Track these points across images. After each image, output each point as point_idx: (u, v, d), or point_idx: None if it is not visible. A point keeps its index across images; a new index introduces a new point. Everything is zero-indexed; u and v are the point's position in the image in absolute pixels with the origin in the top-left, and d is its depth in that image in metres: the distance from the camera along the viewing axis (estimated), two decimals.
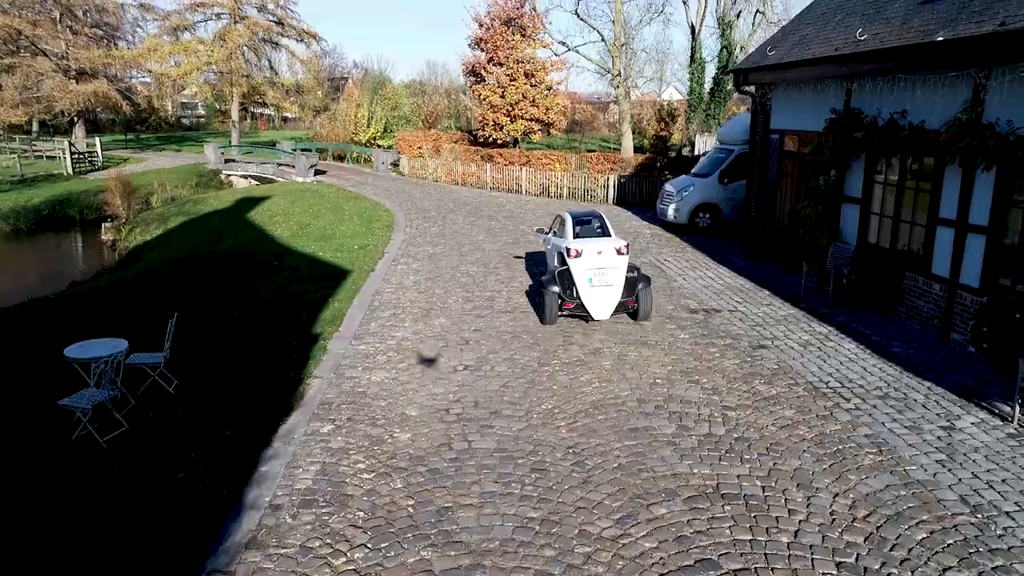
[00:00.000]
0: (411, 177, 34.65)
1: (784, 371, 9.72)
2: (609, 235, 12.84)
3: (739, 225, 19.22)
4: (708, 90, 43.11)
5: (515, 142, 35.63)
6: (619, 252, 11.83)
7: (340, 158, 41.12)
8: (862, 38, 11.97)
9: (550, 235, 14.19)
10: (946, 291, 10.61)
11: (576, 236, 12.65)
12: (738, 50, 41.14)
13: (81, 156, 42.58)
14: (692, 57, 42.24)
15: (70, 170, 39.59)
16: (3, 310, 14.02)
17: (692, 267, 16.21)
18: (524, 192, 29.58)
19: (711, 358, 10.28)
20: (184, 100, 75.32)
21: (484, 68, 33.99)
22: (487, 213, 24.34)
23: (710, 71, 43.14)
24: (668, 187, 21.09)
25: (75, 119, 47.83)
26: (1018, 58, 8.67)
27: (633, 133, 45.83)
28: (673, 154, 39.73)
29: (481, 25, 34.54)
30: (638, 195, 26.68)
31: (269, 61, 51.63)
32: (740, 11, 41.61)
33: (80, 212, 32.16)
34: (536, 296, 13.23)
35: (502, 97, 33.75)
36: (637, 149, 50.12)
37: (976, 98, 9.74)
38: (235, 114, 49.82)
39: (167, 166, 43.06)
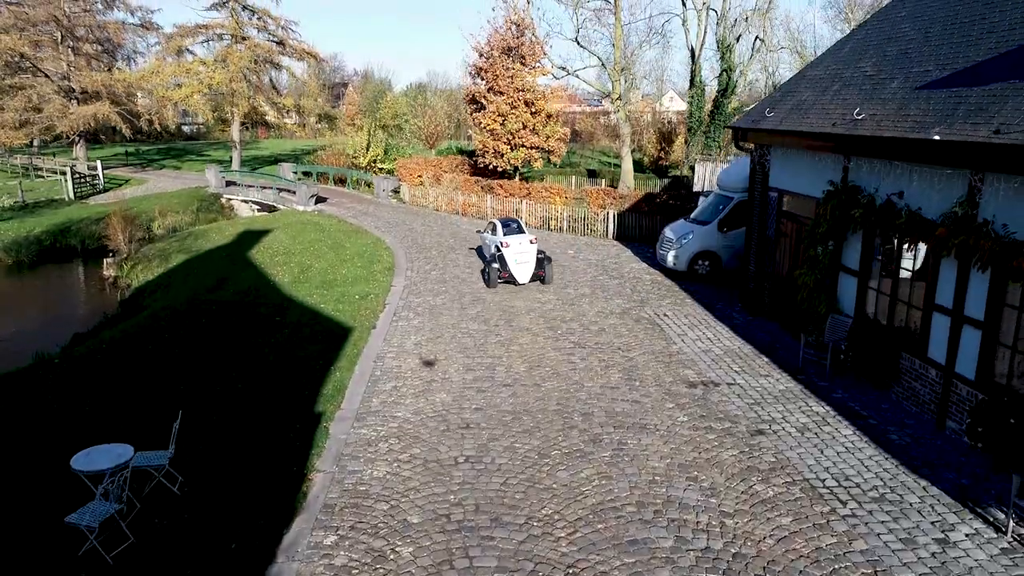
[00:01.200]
0: (412, 205, 34.76)
1: (782, 465, 9.82)
2: (524, 232, 20.33)
3: (738, 273, 19.34)
4: (708, 112, 43.27)
5: (515, 169, 35.74)
6: (531, 242, 19.86)
7: (341, 181, 41.21)
8: (859, 117, 12.08)
9: (486, 234, 21.86)
10: (942, 378, 10.71)
11: (505, 234, 20.05)
12: (737, 73, 41.29)
13: (82, 178, 42.71)
14: (692, 81, 42.40)
15: (71, 194, 39.74)
16: (12, 373, 14.17)
17: (691, 325, 16.31)
18: (524, 224, 29.67)
19: (709, 446, 10.38)
20: (185, 107, 75.50)
21: (484, 97, 34.11)
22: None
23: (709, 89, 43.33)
24: (668, 233, 21.19)
25: (77, 140, 47.93)
26: (1012, 170, 8.77)
27: (633, 150, 46.02)
28: (671, 178, 39.92)
29: (481, 55, 34.67)
30: (637, 230, 26.80)
31: (271, 80, 51.83)
32: (740, 35, 41.76)
33: (81, 242, 32.31)
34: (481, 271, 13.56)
35: (502, 126, 33.88)
36: (637, 168, 50.38)
37: (971, 195, 9.85)
38: (236, 134, 49.96)
39: (168, 189, 43.24)
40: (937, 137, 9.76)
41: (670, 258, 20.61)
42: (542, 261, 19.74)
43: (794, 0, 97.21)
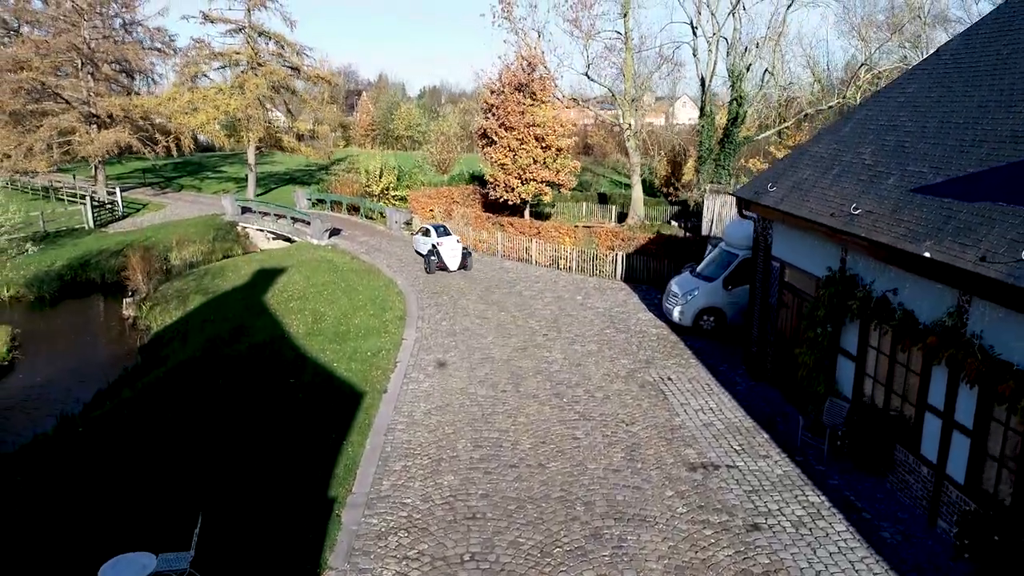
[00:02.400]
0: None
1: (775, 568, 10.19)
2: (451, 235, 29.19)
3: (742, 329, 19.68)
4: (717, 140, 43.52)
5: (524, 203, 36.19)
6: (458, 242, 28.64)
7: (355, 209, 41.78)
8: (855, 212, 12.42)
9: (419, 236, 30.83)
10: (934, 477, 11.04)
11: (438, 236, 28.78)
12: (747, 106, 41.50)
13: (102, 206, 43.55)
14: (702, 110, 42.66)
15: (91, 223, 40.54)
16: (38, 439, 14.79)
17: (694, 392, 16.67)
18: (534, 262, 30.14)
19: (706, 544, 10.76)
20: (202, 133, 76.52)
21: (496, 132, 34.56)
22: (497, 298, 24.88)
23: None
24: (674, 287, 21.55)
25: (97, 166, 48.84)
26: (996, 299, 9.10)
27: (643, 171, 46.31)
28: (680, 204, 40.20)
29: (493, 92, 35.14)
30: (646, 272, 27.16)
31: (286, 104, 52.50)
32: (751, 64, 41.97)
33: (101, 276, 33.05)
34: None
35: (513, 161, 34.33)
36: (648, 191, 50.68)
37: (960, 310, 10.19)
38: (251, 158, 50.70)
39: (185, 216, 44.01)
40: (927, 255, 10.11)
41: (676, 313, 20.97)
42: (466, 256, 28.72)
43: (807, 17, 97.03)
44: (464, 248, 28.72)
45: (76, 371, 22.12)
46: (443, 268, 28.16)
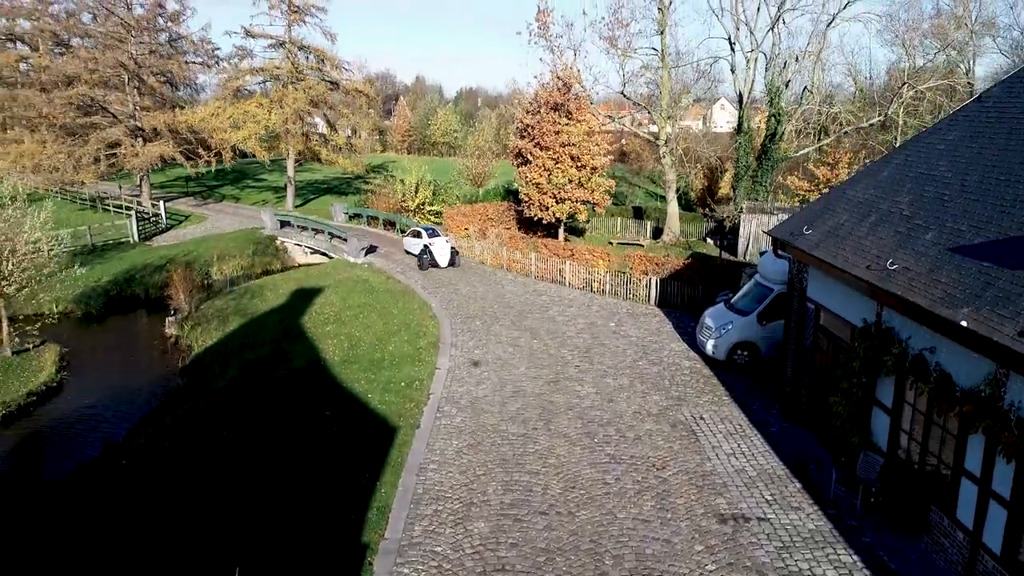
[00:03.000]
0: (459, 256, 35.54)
1: None
2: (440, 236, 33.24)
3: (776, 363, 19.52)
4: (755, 156, 43.08)
5: (558, 221, 36.25)
6: (447, 242, 32.94)
7: (391, 224, 42.26)
8: (892, 268, 12.28)
9: (409, 238, 35.16)
10: (969, 544, 10.87)
11: (429, 237, 32.84)
12: (786, 123, 41.00)
13: (146, 218, 44.68)
14: (739, 127, 42.26)
15: (136, 237, 41.63)
16: (84, 467, 15.31)
17: (727, 434, 16.59)
18: (567, 284, 30.20)
19: None
20: (243, 148, 78.21)
21: (531, 152, 34.68)
22: (530, 324, 24.99)
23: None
24: (708, 320, 21.44)
25: (142, 178, 50.12)
26: None
27: (679, 186, 45.94)
28: (716, 223, 39.82)
29: (528, 112, 35.27)
30: (679, 298, 27.03)
31: (325, 117, 53.24)
32: (789, 80, 41.48)
33: (145, 291, 33.96)
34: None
35: (548, 181, 34.42)
36: (684, 204, 50.30)
37: (997, 380, 10.03)
38: (291, 170, 51.63)
39: (225, 229, 44.95)
40: (964, 323, 9.97)
41: (709, 346, 20.87)
42: (455, 252, 33.50)
43: (849, 27, 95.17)
44: (452, 248, 33.44)
45: (121, 392, 22.79)
46: (434, 264, 32.96)
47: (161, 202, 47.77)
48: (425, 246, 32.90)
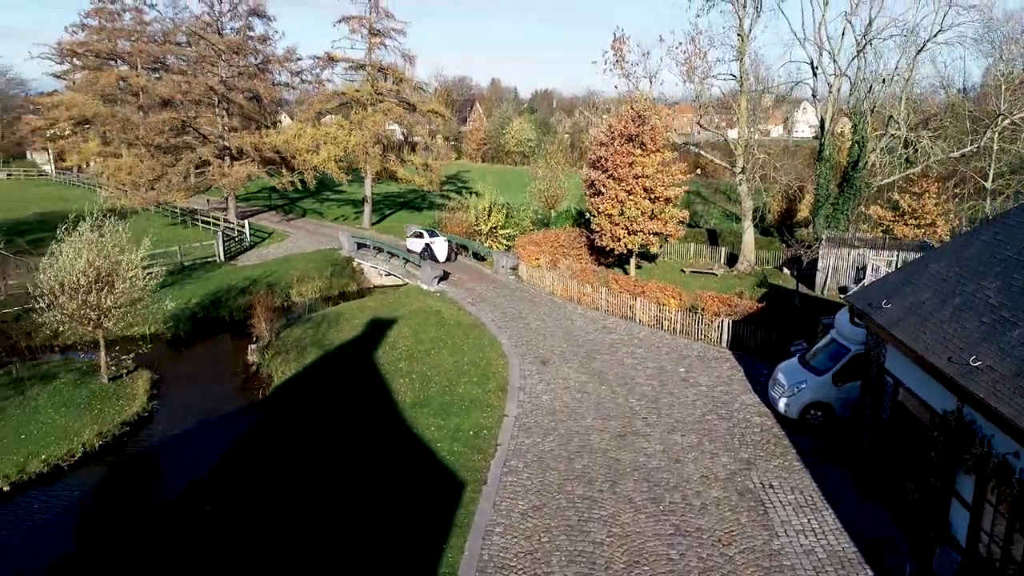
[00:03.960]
0: (529, 287, 35.80)
1: None
2: (439, 236, 40.58)
3: (851, 424, 19.04)
4: (836, 184, 41.85)
5: (630, 252, 36.08)
6: (446, 240, 40.26)
7: (463, 247, 42.89)
8: (975, 364, 11.87)
9: (412, 239, 41.27)
10: None
11: (430, 237, 40.10)
12: (870, 150, 39.67)
13: (232, 237, 46.67)
14: (820, 153, 41.12)
15: (222, 256, 43.51)
16: (167, 505, 16.24)
17: (796, 506, 16.27)
18: (638, 320, 30.05)
19: None
20: (323, 171, 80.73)
21: (603, 184, 34.65)
22: (598, 367, 25.03)
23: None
24: (780, 376, 21.03)
25: (228, 199, 52.36)
26: None
27: (756, 213, 44.97)
28: (791, 255, 38.75)
29: (602, 144, 35.24)
30: (752, 341, 26.55)
31: (404, 136, 54.36)
32: (874, 106, 40.10)
33: (229, 313, 35.45)
34: None
35: (620, 213, 34.32)
36: (764, 232, 49.15)
37: None
38: (368, 189, 53.00)
39: (305, 249, 46.53)
40: None
41: (781, 404, 20.47)
42: (451, 251, 40.58)
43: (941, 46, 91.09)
44: (449, 245, 40.48)
45: (206, 423, 23.94)
46: (434, 259, 39.19)
47: (246, 221, 49.76)
48: (427, 244, 40.05)
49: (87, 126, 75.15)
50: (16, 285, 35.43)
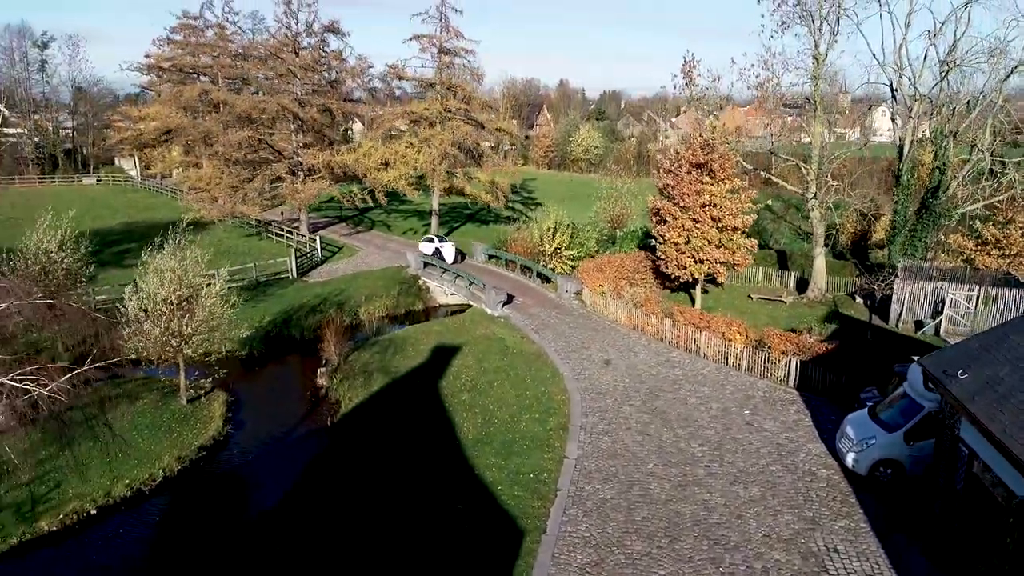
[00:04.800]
0: (592, 313, 35.81)
1: None
2: (447, 242, 48.14)
3: (922, 482, 18.47)
4: (914, 210, 40.43)
5: (695, 281, 35.68)
6: (453, 246, 47.89)
7: (527, 269, 43.16)
8: None
9: (424, 243, 48.61)
10: None
11: (439, 243, 47.58)
12: (951, 176, 38.18)
13: (304, 253, 48.11)
14: (898, 179, 39.79)
15: (294, 273, 44.92)
16: (237, 541, 16.98)
17: None
18: (702, 354, 29.73)
19: None
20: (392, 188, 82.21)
21: (669, 212, 34.38)
22: (660, 406, 24.90)
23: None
24: (848, 429, 20.53)
25: (300, 212, 54.00)
26: None
27: (827, 237, 43.77)
28: (865, 288, 37.58)
29: (669, 172, 34.95)
30: (822, 383, 25.93)
31: (471, 151, 54.94)
32: (957, 129, 38.57)
33: (300, 332, 36.62)
34: None
35: (687, 242, 33.99)
36: (836, 255, 47.80)
37: None
38: (435, 204, 53.85)
39: (374, 265, 47.66)
40: None
41: (849, 459, 19.98)
42: (458, 254, 47.37)
43: None
44: (457, 250, 47.89)
45: (277, 449, 24.90)
46: (442, 260, 45.71)
47: (317, 236, 51.18)
48: (437, 248, 47.38)
49: (171, 136, 78.70)
50: (100, 299, 37.12)
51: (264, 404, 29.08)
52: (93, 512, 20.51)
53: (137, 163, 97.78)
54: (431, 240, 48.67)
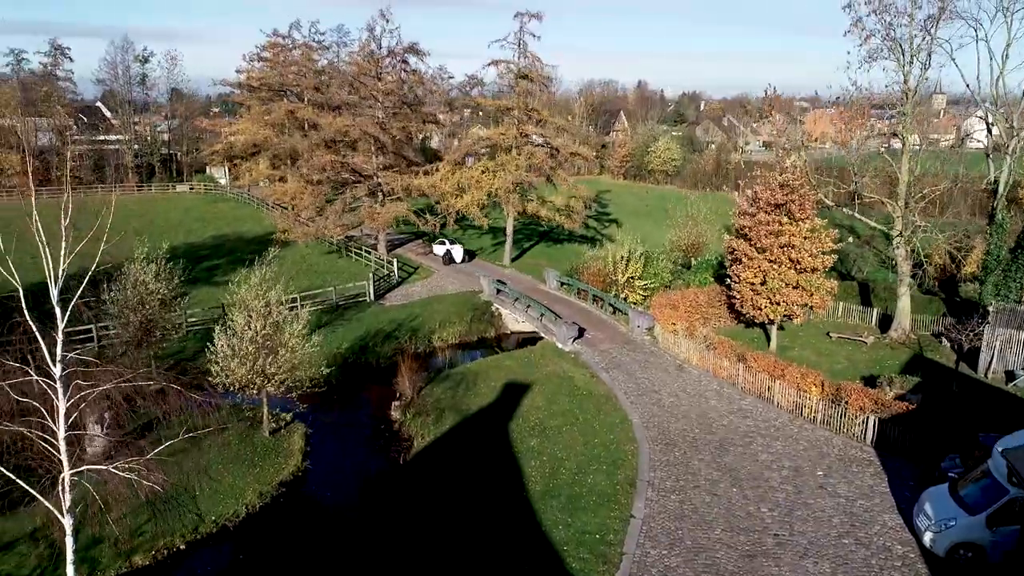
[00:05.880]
0: (664, 352, 35.62)
1: None
2: (457, 244, 57.35)
3: (1004, 570, 17.78)
4: (1009, 248, 38.57)
5: (770, 322, 35.02)
6: (462, 248, 56.81)
7: (599, 299, 43.22)
8: None
9: (437, 245, 57.93)
10: None
11: (450, 244, 56.59)
12: None
13: (381, 277, 49.42)
14: (991, 217, 38.05)
15: (372, 296, 46.24)
16: None
17: None
18: (775, 403, 29.22)
19: None
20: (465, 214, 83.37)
21: (745, 254, 33.85)
22: (730, 462, 24.66)
23: None
24: (927, 506, 19.88)
25: (379, 236, 55.55)
26: None
27: (914, 271, 42.14)
28: (956, 340, 35.96)
29: (745, 213, 34.42)
30: (901, 443, 25.14)
31: (547, 177, 55.26)
32: None
33: (376, 360, 37.81)
34: None
35: (763, 283, 33.43)
36: (925, 291, 45.94)
37: None
38: (509, 228, 54.46)
39: (448, 288, 48.59)
40: None
41: (927, 538, 19.37)
42: (467, 255, 55.67)
43: None
44: (465, 250, 56.23)
45: (352, 487, 25.89)
46: (452, 261, 54.64)
47: (395, 260, 52.37)
48: (448, 250, 55.68)
49: (258, 150, 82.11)
50: (190, 318, 39.07)
51: (340, 437, 30.15)
52: (182, 547, 21.81)
53: (227, 173, 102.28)
54: (443, 243, 56.69)
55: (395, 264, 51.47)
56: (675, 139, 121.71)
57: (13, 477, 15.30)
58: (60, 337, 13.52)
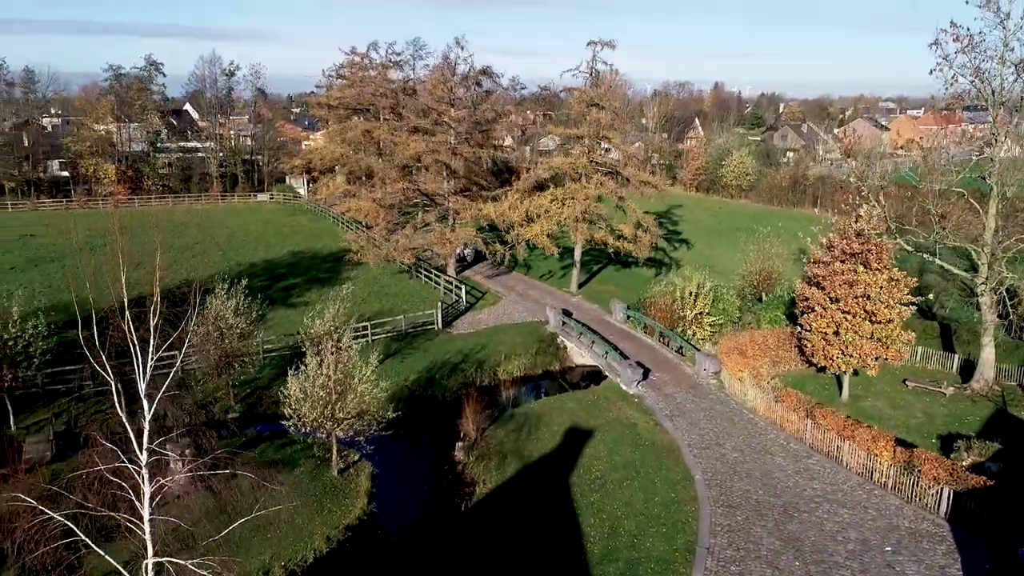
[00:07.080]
0: (729, 399, 35.12)
1: None
2: (469, 246, 60.03)
3: None
4: None
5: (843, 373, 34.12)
6: (473, 248, 59.95)
7: (664, 337, 42.87)
8: None
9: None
10: None
11: (464, 249, 60.88)
12: None
13: (448, 304, 50.18)
14: None
15: (439, 324, 47.08)
16: None
17: None
18: (844, 463, 28.47)
19: None
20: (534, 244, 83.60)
21: (819, 303, 33.06)
22: (794, 531, 24.20)
23: None
24: None
25: (447, 260, 56.48)
26: None
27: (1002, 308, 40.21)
28: None
29: (818, 262, 33.60)
30: (977, 517, 24.17)
31: (620, 207, 55.03)
32: None
33: (442, 393, 38.52)
34: None
35: (836, 335, 32.60)
36: (1014, 335, 43.68)
37: None
38: (577, 255, 54.52)
39: (515, 317, 49.03)
40: None
41: None
42: (478, 255, 61.24)
43: None
44: (475, 251, 60.57)
45: (415, 532, 26.53)
46: (463, 260, 61.66)
47: (463, 286, 53.02)
48: (464, 254, 61.71)
49: (335, 164, 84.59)
50: (268, 340, 40.48)
51: (405, 478, 30.93)
52: None
53: (306, 184, 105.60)
54: (464, 246, 60.75)
55: (463, 289, 52.20)
56: (750, 150, 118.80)
57: (103, 553, 16.38)
58: (147, 427, 14.47)
